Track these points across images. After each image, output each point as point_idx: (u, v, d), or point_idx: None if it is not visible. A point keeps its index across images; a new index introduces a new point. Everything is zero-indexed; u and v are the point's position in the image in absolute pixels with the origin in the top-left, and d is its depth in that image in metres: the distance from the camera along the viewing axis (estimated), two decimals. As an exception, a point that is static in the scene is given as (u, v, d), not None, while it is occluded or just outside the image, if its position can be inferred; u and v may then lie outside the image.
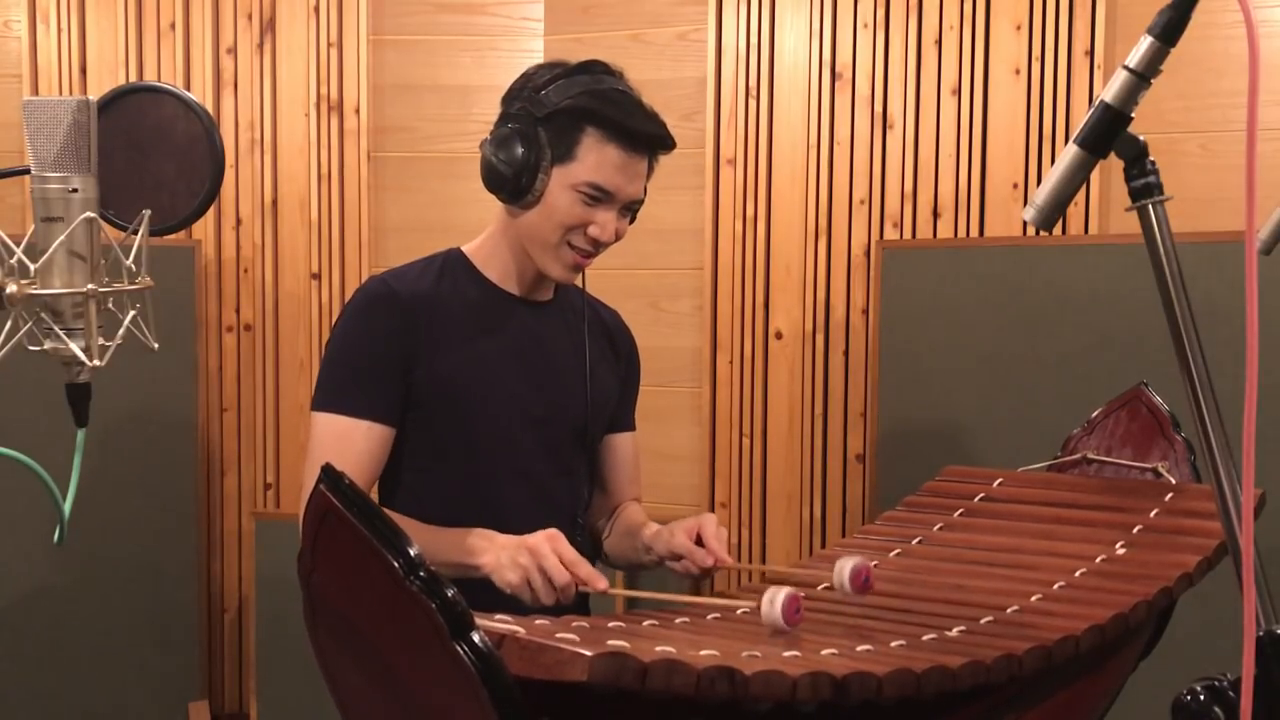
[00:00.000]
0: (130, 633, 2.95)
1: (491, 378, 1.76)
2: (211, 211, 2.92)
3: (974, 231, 2.81)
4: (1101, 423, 1.81)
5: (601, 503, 1.97)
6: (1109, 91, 1.08)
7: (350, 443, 1.69)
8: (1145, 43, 1.06)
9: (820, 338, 2.95)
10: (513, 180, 1.69)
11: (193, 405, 3.01)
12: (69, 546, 1.58)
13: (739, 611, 1.41)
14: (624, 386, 1.97)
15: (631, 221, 1.77)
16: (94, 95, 1.10)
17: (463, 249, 1.83)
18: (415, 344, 1.72)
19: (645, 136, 1.70)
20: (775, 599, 1.30)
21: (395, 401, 1.72)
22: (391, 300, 1.73)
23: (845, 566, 1.42)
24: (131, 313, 1.14)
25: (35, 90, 3.06)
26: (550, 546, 1.51)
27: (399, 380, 1.72)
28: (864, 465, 2.91)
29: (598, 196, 1.69)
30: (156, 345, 1.18)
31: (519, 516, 1.65)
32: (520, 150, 1.68)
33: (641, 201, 1.76)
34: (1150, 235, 1.08)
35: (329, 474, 1.01)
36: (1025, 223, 2.06)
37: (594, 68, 1.72)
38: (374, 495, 1.83)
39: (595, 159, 1.68)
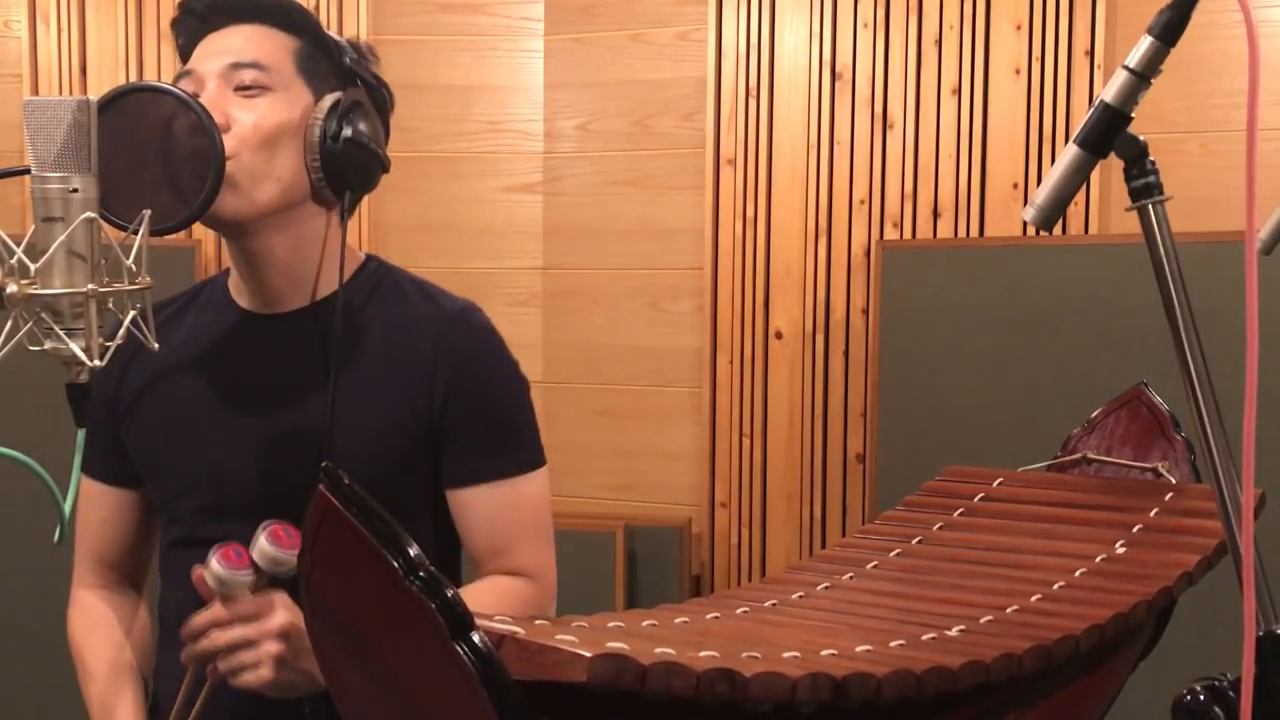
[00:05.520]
0: (130, 633, 2.95)
1: (173, 436, 1.49)
2: (211, 211, 2.91)
3: (974, 231, 2.81)
4: (1101, 423, 1.80)
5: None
6: (1109, 91, 1.07)
7: (90, 505, 1.56)
8: (1145, 43, 1.06)
9: (820, 338, 2.95)
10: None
11: (193, 405, 3.01)
12: (69, 546, 1.58)
13: (738, 611, 1.41)
14: (442, 418, 1.45)
15: (249, 95, 1.40)
16: (94, 95, 1.10)
17: None
18: (113, 403, 1.53)
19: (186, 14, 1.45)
20: (259, 541, 1.27)
21: (120, 463, 1.53)
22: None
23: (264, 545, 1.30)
24: (132, 313, 1.14)
25: (35, 90, 3.06)
26: None
27: (116, 443, 1.52)
28: (864, 465, 2.91)
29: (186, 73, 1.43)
30: (157, 345, 1.18)
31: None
32: None
33: (239, 64, 1.41)
34: (1150, 235, 1.08)
35: (329, 474, 1.01)
36: (1025, 223, 2.06)
37: None
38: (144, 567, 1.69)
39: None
